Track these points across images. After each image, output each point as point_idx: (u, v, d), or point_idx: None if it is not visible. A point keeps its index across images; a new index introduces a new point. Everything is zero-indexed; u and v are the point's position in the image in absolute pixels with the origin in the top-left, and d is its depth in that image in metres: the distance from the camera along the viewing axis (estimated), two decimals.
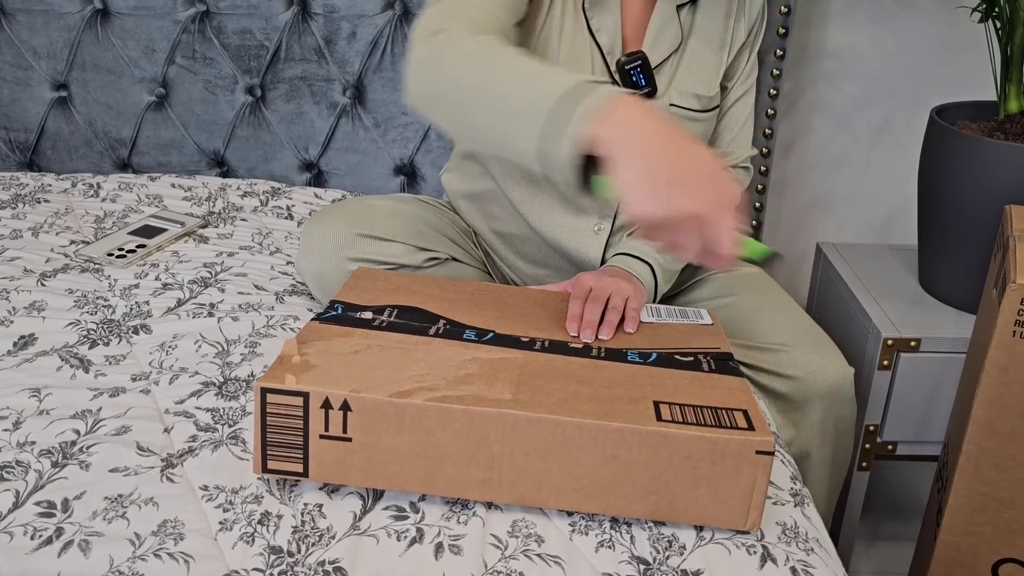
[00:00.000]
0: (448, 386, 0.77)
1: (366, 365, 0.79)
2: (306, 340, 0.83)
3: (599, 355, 0.88)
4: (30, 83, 1.55)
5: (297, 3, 1.48)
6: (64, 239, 1.31)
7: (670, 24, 1.11)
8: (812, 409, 1.09)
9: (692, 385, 0.81)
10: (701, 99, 1.14)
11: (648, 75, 1.09)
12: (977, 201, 1.29)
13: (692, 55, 1.13)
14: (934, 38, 1.62)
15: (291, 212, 1.44)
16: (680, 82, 1.12)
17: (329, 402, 0.73)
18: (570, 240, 1.15)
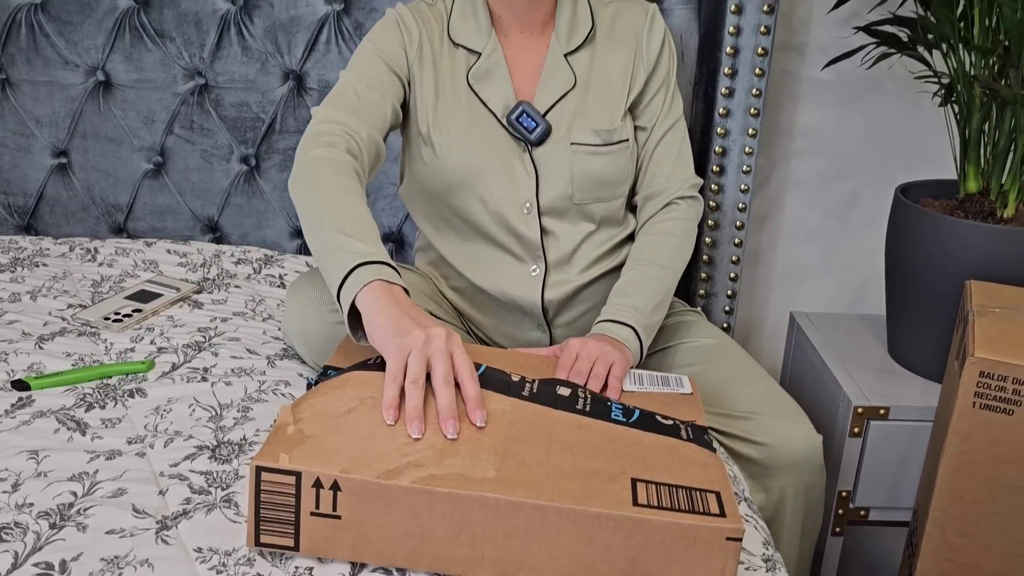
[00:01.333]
0: (436, 458, 0.80)
1: (358, 432, 0.83)
2: (303, 400, 0.87)
3: (584, 408, 0.92)
4: (31, 150, 1.61)
5: (293, 78, 1.55)
6: (62, 303, 1.35)
7: (559, 70, 1.21)
8: (782, 475, 1.13)
9: (670, 458, 0.85)
10: (601, 134, 1.20)
11: (536, 117, 1.18)
12: (940, 276, 1.35)
13: (589, 95, 1.21)
14: (899, 119, 1.71)
15: (283, 281, 1.48)
16: (580, 121, 1.20)
17: (320, 482, 0.77)
18: (511, 287, 1.22)
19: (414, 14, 1.21)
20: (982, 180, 1.40)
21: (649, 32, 1.24)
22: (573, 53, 1.22)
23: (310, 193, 1.03)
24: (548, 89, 1.21)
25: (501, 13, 1.21)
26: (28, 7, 1.53)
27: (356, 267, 0.94)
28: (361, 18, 1.50)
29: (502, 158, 1.20)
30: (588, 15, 1.23)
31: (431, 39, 1.21)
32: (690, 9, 1.47)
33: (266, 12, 1.51)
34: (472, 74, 1.20)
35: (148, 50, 1.54)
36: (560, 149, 1.20)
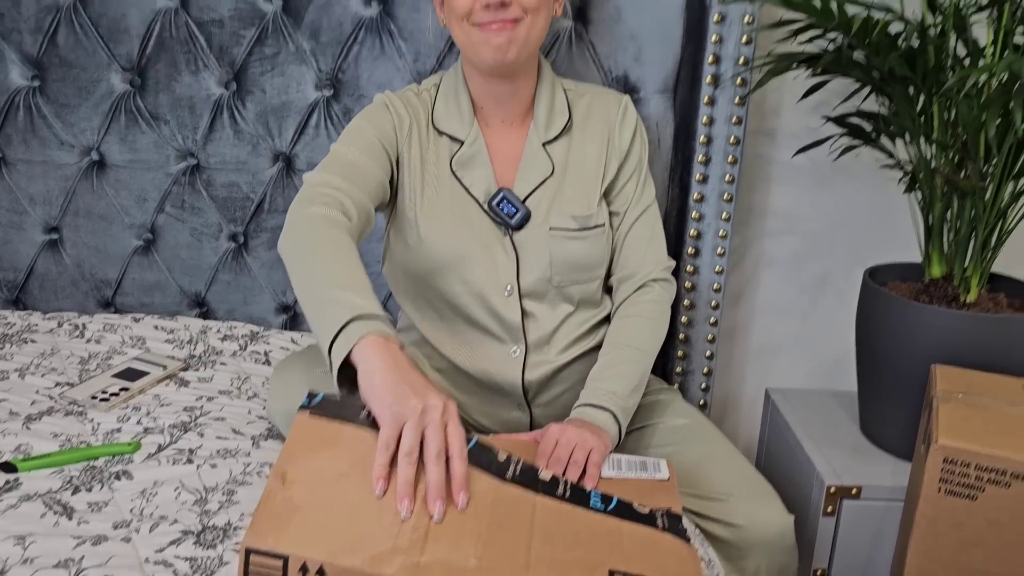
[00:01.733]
0: (421, 542, 0.82)
1: (347, 505, 0.84)
2: (294, 454, 0.88)
3: (564, 494, 0.95)
4: (23, 227, 1.64)
5: (282, 160, 1.60)
6: (49, 380, 1.37)
7: (538, 158, 1.27)
8: (755, 556, 1.16)
9: (646, 549, 0.88)
10: (578, 219, 1.26)
11: (516, 203, 1.24)
12: (908, 358, 1.40)
13: (567, 181, 1.27)
14: (867, 202, 1.78)
15: (269, 358, 1.51)
16: (558, 207, 1.26)
17: (306, 566, 0.79)
18: (493, 368, 1.25)
19: (402, 100, 1.27)
20: (945, 265, 1.46)
21: (621, 123, 1.31)
22: (551, 142, 1.28)
23: (303, 248, 1.04)
24: (527, 176, 1.26)
25: (483, 104, 1.27)
26: (27, 90, 1.58)
27: (350, 321, 0.93)
28: (350, 104, 1.56)
29: (484, 242, 1.24)
30: (565, 107, 1.30)
31: (418, 125, 1.27)
32: (665, 98, 1.54)
33: (258, 97, 1.56)
34: (455, 161, 1.26)
35: (143, 132, 1.59)
36: (540, 234, 1.25)
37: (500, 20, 1.17)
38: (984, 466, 1.08)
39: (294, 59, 1.54)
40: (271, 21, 1.53)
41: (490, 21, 1.17)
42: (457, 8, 1.18)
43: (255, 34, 1.53)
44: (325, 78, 1.55)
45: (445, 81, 1.30)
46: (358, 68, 1.54)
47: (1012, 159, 1.35)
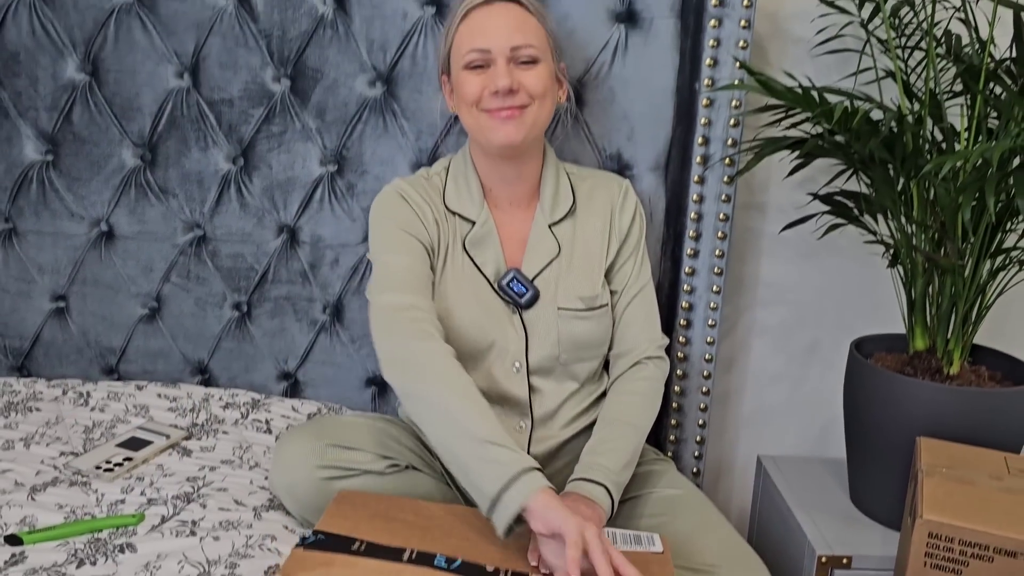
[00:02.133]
0: None
1: None
2: (292, 573, 0.92)
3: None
4: (31, 295, 1.68)
5: (286, 232, 1.65)
6: (54, 450, 1.39)
7: (545, 239, 1.33)
8: None
9: None
10: (585, 300, 1.32)
11: (525, 282, 1.30)
12: (894, 429, 1.44)
13: (573, 262, 1.33)
14: (853, 273, 1.83)
15: (270, 426, 1.54)
16: (565, 287, 1.32)
17: None
18: None
19: (414, 187, 1.34)
20: (928, 338, 1.51)
21: (622, 205, 1.38)
22: (556, 224, 1.34)
23: (435, 395, 1.12)
24: (535, 257, 1.33)
25: (492, 186, 1.34)
26: (41, 164, 1.63)
27: (516, 478, 1.05)
28: (353, 179, 1.61)
29: (495, 319, 1.30)
30: (569, 190, 1.37)
31: (434, 207, 1.33)
32: (657, 176, 1.60)
33: (265, 172, 1.62)
34: (468, 240, 1.32)
35: (151, 205, 1.64)
36: (548, 313, 1.31)
37: (508, 107, 1.24)
38: (968, 541, 1.11)
39: (300, 137, 1.60)
40: (279, 101, 1.59)
41: (499, 108, 1.24)
42: (467, 95, 1.25)
43: (263, 113, 1.59)
44: (330, 155, 1.61)
45: (454, 164, 1.37)
46: (362, 146, 1.60)
47: (988, 239, 1.41)
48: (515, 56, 1.24)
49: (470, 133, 1.31)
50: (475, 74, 1.25)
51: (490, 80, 1.23)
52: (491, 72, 1.24)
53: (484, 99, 1.24)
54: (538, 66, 1.26)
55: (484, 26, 1.24)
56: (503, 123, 1.24)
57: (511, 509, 1.04)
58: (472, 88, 1.25)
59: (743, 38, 1.48)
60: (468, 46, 1.24)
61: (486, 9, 1.25)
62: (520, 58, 1.24)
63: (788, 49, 1.68)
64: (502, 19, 1.24)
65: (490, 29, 1.24)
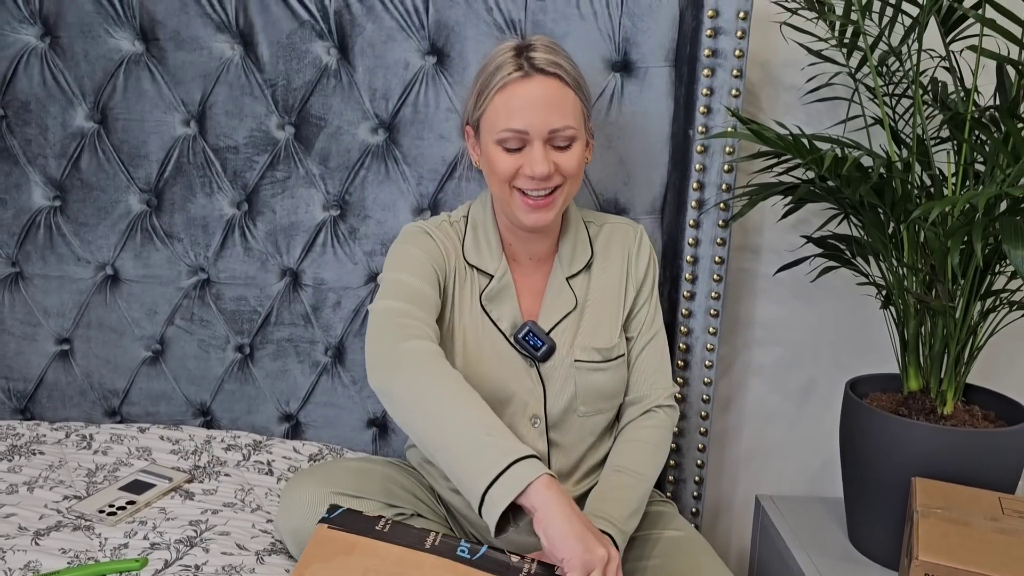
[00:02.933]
0: None
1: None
2: (310, 561, 0.92)
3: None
4: (36, 338, 1.70)
5: (289, 275, 1.68)
6: (58, 494, 1.40)
7: (562, 292, 1.32)
8: None
9: None
10: (602, 351, 1.31)
11: (541, 336, 1.29)
12: (890, 469, 1.45)
13: (590, 315, 1.32)
14: (847, 314, 1.86)
15: (271, 468, 1.55)
16: (581, 339, 1.31)
17: None
18: None
19: (438, 229, 1.33)
20: (922, 379, 1.53)
21: (638, 253, 1.38)
22: (574, 276, 1.34)
23: (423, 389, 1.08)
24: (551, 310, 1.32)
25: (512, 242, 1.33)
26: (48, 210, 1.66)
27: (513, 463, 1.00)
28: (356, 224, 1.65)
29: (512, 372, 1.29)
30: (588, 244, 1.36)
31: (456, 255, 1.32)
32: (653, 219, 1.64)
33: (268, 217, 1.65)
34: (485, 296, 1.31)
35: (157, 249, 1.66)
36: (565, 365, 1.30)
37: (543, 195, 1.22)
38: None
39: (304, 182, 1.63)
40: (283, 148, 1.63)
41: (533, 191, 1.22)
42: (499, 172, 1.22)
43: (268, 160, 1.63)
44: (333, 200, 1.64)
45: (473, 214, 1.35)
46: (364, 191, 1.63)
47: (978, 281, 1.44)
48: (552, 139, 1.20)
49: (496, 199, 1.29)
50: (509, 154, 1.21)
51: (526, 163, 1.20)
52: (527, 155, 1.20)
53: (519, 179, 1.22)
54: (574, 146, 1.23)
55: (522, 106, 1.19)
56: (534, 210, 1.23)
57: (510, 492, 0.98)
58: (506, 167, 1.21)
59: (735, 87, 1.52)
60: (504, 125, 1.20)
61: (524, 84, 1.19)
62: (557, 141, 1.21)
63: (779, 96, 1.73)
64: (540, 99, 1.19)
65: (528, 109, 1.19)
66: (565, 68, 1.22)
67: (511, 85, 1.20)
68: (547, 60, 1.20)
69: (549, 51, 1.22)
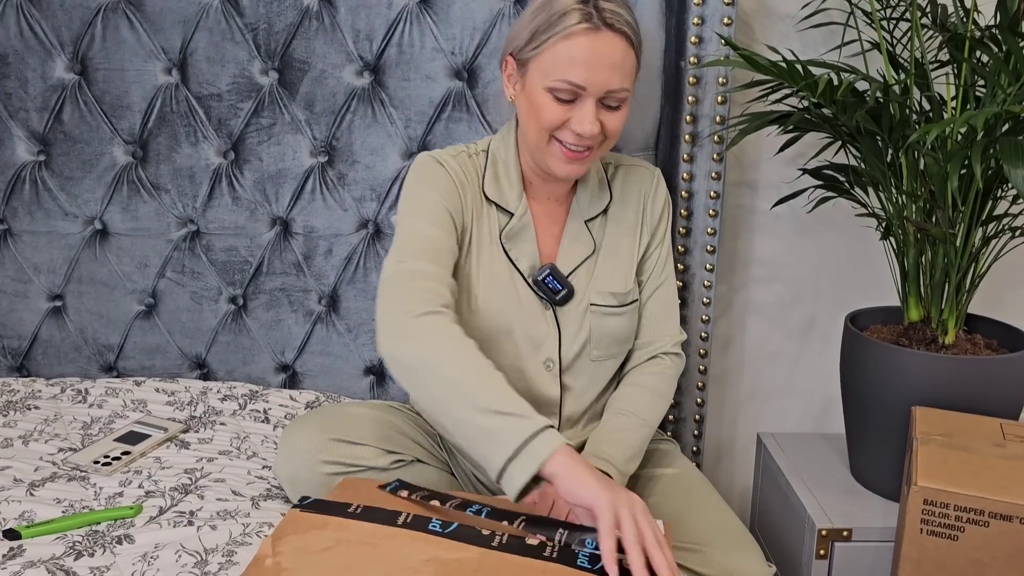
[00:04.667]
0: None
1: (333, 569, 0.88)
2: (282, 535, 0.92)
3: (551, 556, 0.97)
4: (28, 295, 1.69)
5: (279, 224, 1.65)
6: (53, 447, 1.40)
7: (580, 236, 1.30)
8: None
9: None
10: (617, 296, 1.29)
11: (561, 280, 1.27)
12: (890, 401, 1.43)
13: (606, 259, 1.30)
14: (847, 248, 1.83)
15: (268, 416, 1.54)
16: (597, 283, 1.28)
17: None
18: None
19: (456, 161, 1.27)
20: (923, 309, 1.51)
21: (654, 197, 1.34)
22: (592, 219, 1.31)
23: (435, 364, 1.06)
24: (570, 254, 1.29)
25: (533, 180, 1.29)
26: (33, 164, 1.64)
27: (533, 437, 1.00)
28: (344, 169, 1.62)
29: (528, 314, 1.27)
30: (607, 187, 1.33)
31: (473, 188, 1.27)
32: (647, 155, 1.60)
33: (256, 165, 1.62)
34: (505, 234, 1.27)
35: (144, 201, 1.64)
36: (580, 310, 1.28)
37: (584, 148, 1.19)
38: (963, 507, 1.11)
39: (290, 129, 1.60)
40: (267, 94, 1.59)
41: (573, 145, 1.18)
42: (543, 119, 1.17)
43: (252, 106, 1.60)
44: (320, 146, 1.61)
45: (494, 149, 1.30)
46: (351, 135, 1.60)
47: (979, 206, 1.41)
48: (606, 98, 1.16)
49: (528, 140, 1.23)
50: (558, 103, 1.16)
51: (574, 118, 1.16)
52: (577, 109, 1.16)
53: (562, 131, 1.18)
54: (623, 107, 1.19)
55: (586, 60, 1.13)
56: (570, 162, 1.20)
57: (528, 469, 0.99)
58: (552, 117, 1.17)
59: (727, 15, 1.48)
60: (561, 75, 1.14)
61: (592, 38, 1.14)
62: (610, 101, 1.17)
63: (773, 24, 1.68)
64: (605, 56, 1.14)
65: (591, 66, 1.14)
66: (632, 25, 1.17)
67: (578, 36, 1.14)
68: (616, 15, 1.15)
69: (618, 2, 1.17)
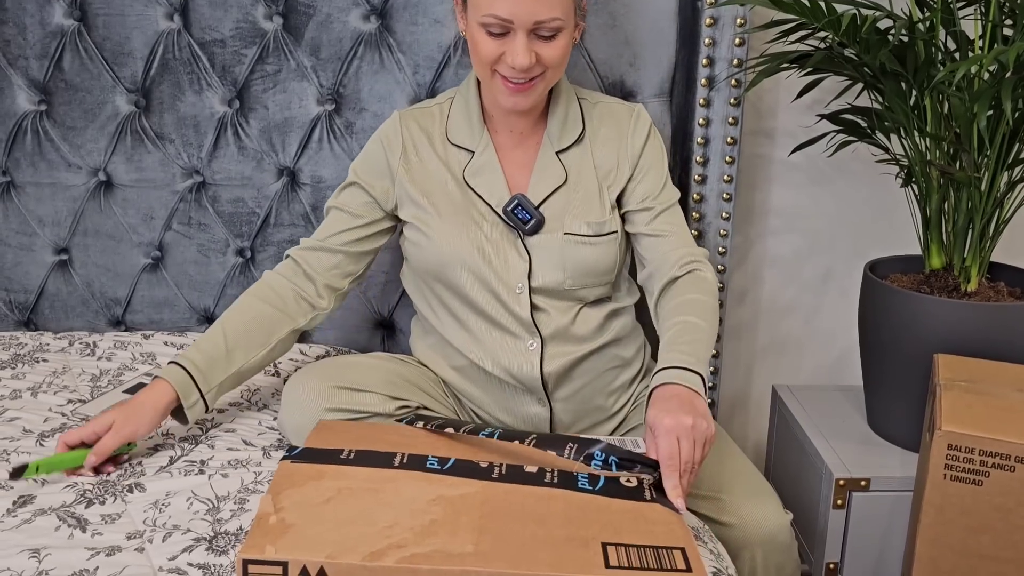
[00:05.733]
0: (416, 539, 0.84)
1: (339, 519, 0.87)
2: (280, 490, 0.91)
3: (552, 481, 0.97)
4: (33, 248, 1.66)
5: (287, 174, 1.62)
6: (61, 398, 1.39)
7: (551, 166, 1.29)
8: (750, 555, 1.16)
9: (636, 521, 0.90)
10: (592, 225, 1.27)
11: (530, 210, 1.26)
12: (911, 349, 1.41)
13: (580, 188, 1.28)
14: (867, 197, 1.79)
15: (278, 368, 1.53)
16: (571, 212, 1.27)
17: (307, 570, 0.80)
18: (510, 363, 1.27)
19: (403, 124, 1.32)
20: (945, 256, 1.47)
21: (633, 131, 1.32)
22: (564, 151, 1.30)
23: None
24: (541, 183, 1.28)
25: (495, 115, 1.30)
26: (34, 114, 1.61)
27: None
28: (351, 117, 1.58)
29: (495, 243, 1.27)
30: (579, 118, 1.32)
31: (428, 140, 1.31)
32: (662, 102, 1.56)
33: (261, 114, 1.59)
34: (467, 171, 1.29)
35: (148, 152, 1.61)
36: (554, 239, 1.27)
37: (524, 82, 1.19)
38: (988, 451, 1.08)
39: (295, 75, 1.57)
40: (272, 39, 1.55)
41: (513, 77, 1.19)
42: (479, 55, 1.19)
43: (256, 52, 1.56)
44: (326, 93, 1.57)
45: (459, 93, 1.33)
46: (359, 82, 1.56)
47: (1005, 149, 1.36)
48: (537, 29, 1.15)
49: (478, 75, 1.25)
50: (491, 37, 1.17)
51: (508, 51, 1.16)
52: (509, 42, 1.16)
53: (499, 64, 1.19)
54: (560, 36, 1.18)
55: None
56: (513, 94, 1.20)
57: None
58: (487, 52, 1.18)
59: None
60: (487, 9, 1.15)
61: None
62: (542, 32, 1.16)
63: None
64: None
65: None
66: None
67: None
68: None
69: None
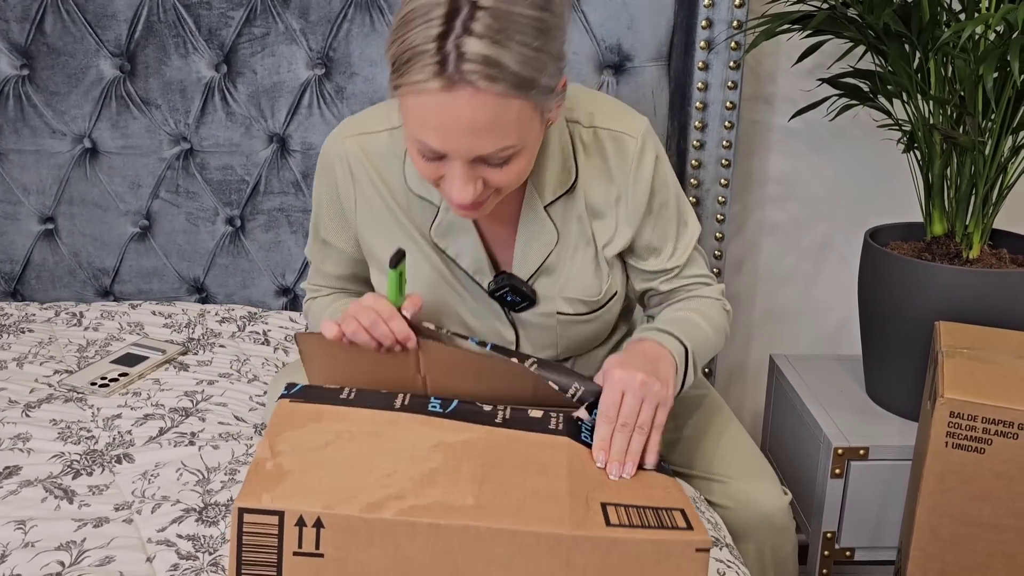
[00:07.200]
0: (415, 489, 0.82)
1: (337, 465, 0.84)
2: (278, 432, 0.88)
3: (556, 428, 0.94)
4: (18, 217, 1.63)
5: (276, 141, 1.59)
6: (48, 369, 1.36)
7: (539, 227, 1.04)
8: (748, 538, 1.14)
9: (634, 483, 0.89)
10: (588, 303, 1.07)
11: (521, 292, 1.05)
12: (911, 317, 1.39)
13: (574, 252, 1.05)
14: (867, 164, 1.76)
15: (267, 337, 1.50)
16: (564, 283, 1.06)
17: (303, 520, 0.78)
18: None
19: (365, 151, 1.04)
20: (947, 223, 1.45)
21: (636, 176, 1.03)
22: (551, 204, 1.04)
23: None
24: (529, 253, 1.04)
25: None
26: (16, 79, 1.56)
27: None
28: (342, 82, 1.54)
29: (477, 313, 1.08)
30: (571, 161, 1.03)
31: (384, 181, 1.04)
32: (660, 66, 1.53)
33: (249, 79, 1.55)
34: (434, 230, 1.04)
35: (134, 118, 1.57)
36: (545, 319, 1.08)
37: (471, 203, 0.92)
38: (991, 418, 1.07)
39: (284, 39, 1.53)
40: (259, 1, 1.51)
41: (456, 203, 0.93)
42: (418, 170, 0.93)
43: (244, 15, 1.52)
44: (316, 57, 1.54)
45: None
46: (349, 46, 1.52)
47: (1011, 113, 1.34)
48: (483, 159, 0.89)
49: None
50: (426, 160, 0.91)
51: (446, 176, 0.91)
52: (447, 166, 0.90)
53: (439, 184, 0.93)
54: (516, 159, 0.90)
55: (438, 124, 0.86)
56: (464, 211, 0.95)
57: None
58: (424, 172, 0.93)
59: None
60: (417, 133, 0.88)
61: (446, 99, 0.84)
62: (491, 161, 0.89)
63: None
64: (464, 121, 0.85)
65: (446, 131, 0.86)
66: (508, 67, 0.83)
67: (427, 95, 0.84)
68: (482, 59, 0.82)
69: (491, 36, 0.82)
